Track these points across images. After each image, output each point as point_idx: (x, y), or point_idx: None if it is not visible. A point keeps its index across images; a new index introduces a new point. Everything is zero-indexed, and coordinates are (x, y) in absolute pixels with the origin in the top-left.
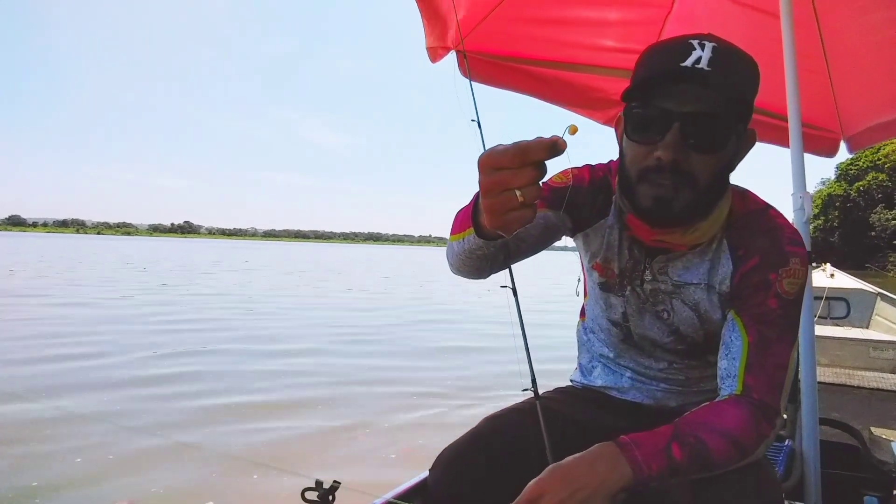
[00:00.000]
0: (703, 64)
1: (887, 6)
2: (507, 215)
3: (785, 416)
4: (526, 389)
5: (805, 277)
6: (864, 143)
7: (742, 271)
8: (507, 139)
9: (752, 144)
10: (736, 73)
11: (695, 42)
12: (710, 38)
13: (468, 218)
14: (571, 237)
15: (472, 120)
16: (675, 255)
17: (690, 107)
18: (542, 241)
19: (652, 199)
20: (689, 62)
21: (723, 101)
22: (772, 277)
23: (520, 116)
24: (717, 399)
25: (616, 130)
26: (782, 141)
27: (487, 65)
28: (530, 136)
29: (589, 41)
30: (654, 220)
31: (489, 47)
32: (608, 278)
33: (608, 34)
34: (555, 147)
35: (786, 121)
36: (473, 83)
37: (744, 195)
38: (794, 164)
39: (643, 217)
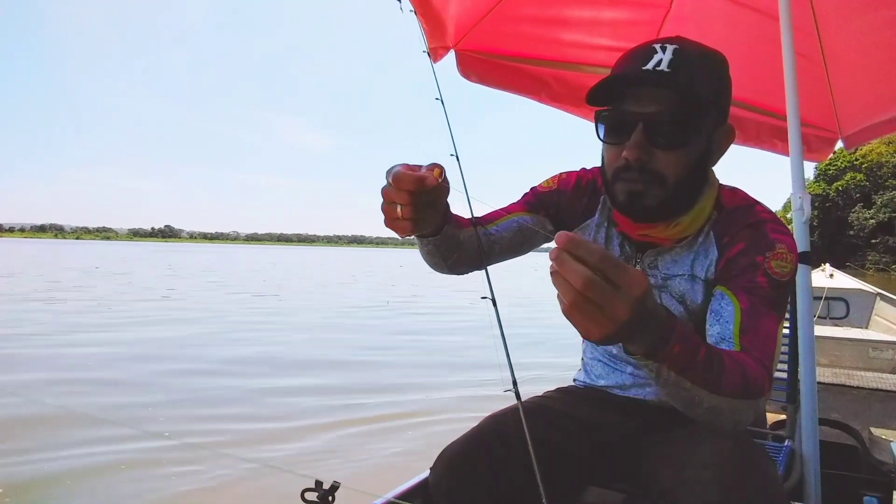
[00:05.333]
0: (663, 66)
1: (884, 6)
2: (392, 223)
3: (784, 415)
4: (508, 390)
5: (794, 264)
6: (859, 140)
7: (728, 256)
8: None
9: (731, 140)
10: (697, 72)
11: (657, 46)
12: (674, 40)
13: None
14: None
15: (436, 98)
16: (664, 249)
17: (652, 107)
18: (517, 243)
19: (624, 195)
20: (650, 65)
21: (683, 101)
22: (759, 259)
23: (516, 116)
24: None
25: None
26: (780, 141)
27: (486, 64)
28: (519, 140)
29: (589, 41)
30: (629, 215)
31: (488, 46)
32: None
33: (608, 34)
34: (421, 181)
35: (784, 119)
36: (474, 83)
37: (734, 192)
38: (794, 164)
39: (621, 212)
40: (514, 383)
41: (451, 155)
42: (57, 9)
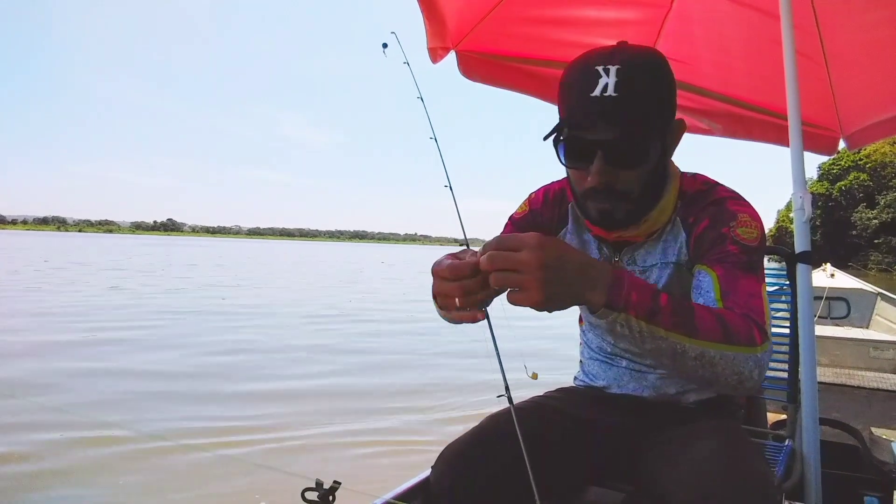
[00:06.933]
0: (609, 91)
1: (886, 5)
2: (450, 314)
3: (785, 415)
4: (501, 395)
5: (760, 231)
6: (862, 140)
7: (695, 235)
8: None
9: (683, 130)
10: (644, 86)
11: (600, 69)
12: (614, 56)
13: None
14: None
15: (430, 137)
16: (638, 244)
17: (608, 134)
18: None
19: (597, 212)
20: (597, 92)
21: (637, 118)
22: (724, 231)
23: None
24: None
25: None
26: (782, 139)
27: (487, 64)
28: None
29: (589, 40)
30: (603, 228)
31: (489, 47)
32: None
33: (608, 34)
34: (474, 269)
35: (785, 119)
36: (475, 83)
37: (694, 177)
38: (794, 164)
39: (595, 225)
40: (507, 388)
41: (445, 186)
42: (60, 5)
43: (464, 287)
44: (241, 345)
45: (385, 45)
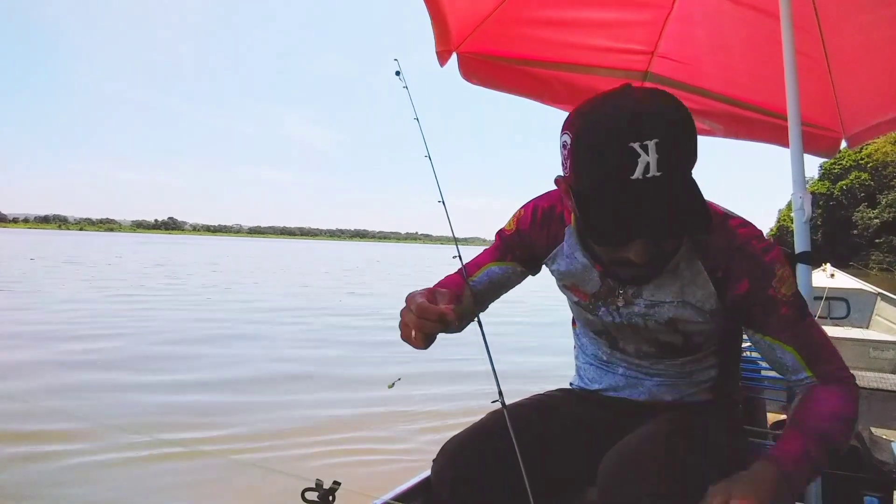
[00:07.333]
0: (652, 171)
1: (887, 4)
2: (407, 339)
3: (784, 415)
4: (495, 401)
5: (792, 275)
6: (863, 138)
7: (734, 295)
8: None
9: None
10: (683, 154)
11: (637, 146)
12: (644, 125)
13: None
14: (533, 275)
15: (425, 156)
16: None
17: (654, 214)
18: (495, 290)
19: (631, 277)
20: (638, 173)
21: (682, 190)
22: (770, 293)
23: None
24: (801, 391)
25: (560, 187)
26: (784, 140)
27: (488, 66)
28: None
29: (590, 42)
30: (634, 285)
31: (490, 48)
32: (581, 299)
33: (610, 35)
34: (440, 318)
35: (786, 120)
36: (479, 86)
37: None
38: (794, 164)
39: (622, 280)
40: (500, 393)
41: (439, 201)
42: (60, 4)
43: (422, 326)
44: (236, 342)
45: (398, 73)
